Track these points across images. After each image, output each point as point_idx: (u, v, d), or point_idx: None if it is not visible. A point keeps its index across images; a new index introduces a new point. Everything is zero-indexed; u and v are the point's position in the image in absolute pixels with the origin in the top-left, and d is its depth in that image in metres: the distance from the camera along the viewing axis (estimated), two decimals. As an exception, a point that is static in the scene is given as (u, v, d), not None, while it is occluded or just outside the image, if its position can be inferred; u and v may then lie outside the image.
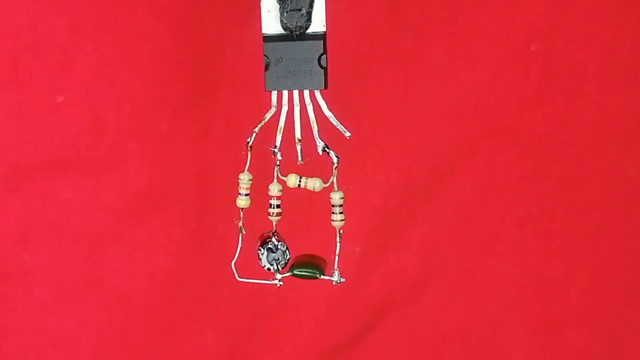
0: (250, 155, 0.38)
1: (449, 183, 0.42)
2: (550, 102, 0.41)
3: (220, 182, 0.41)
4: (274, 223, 0.39)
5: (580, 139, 0.41)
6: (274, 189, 0.38)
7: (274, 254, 0.40)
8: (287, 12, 0.35)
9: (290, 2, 0.34)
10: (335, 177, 0.37)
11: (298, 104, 0.36)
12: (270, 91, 0.36)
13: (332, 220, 0.38)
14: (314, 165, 0.37)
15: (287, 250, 0.40)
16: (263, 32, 0.35)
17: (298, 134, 0.37)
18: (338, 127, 0.37)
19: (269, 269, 0.40)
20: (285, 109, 0.37)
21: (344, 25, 0.40)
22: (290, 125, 0.37)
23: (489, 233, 0.42)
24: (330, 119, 0.37)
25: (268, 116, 0.37)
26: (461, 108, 0.41)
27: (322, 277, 0.40)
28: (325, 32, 0.35)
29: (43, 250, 0.42)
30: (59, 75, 0.40)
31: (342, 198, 0.38)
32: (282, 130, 0.37)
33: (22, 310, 0.42)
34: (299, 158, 0.37)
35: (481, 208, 0.42)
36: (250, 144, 0.37)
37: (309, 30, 0.35)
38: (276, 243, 0.40)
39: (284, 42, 0.35)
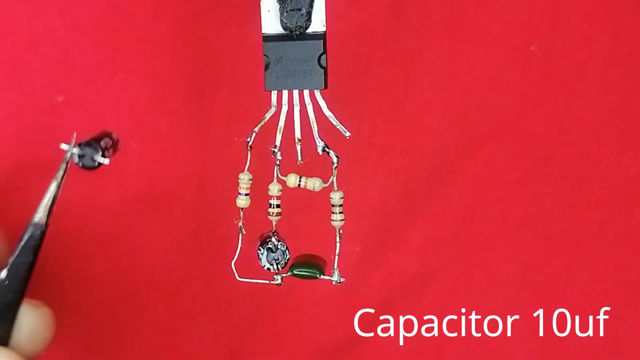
0: (250, 155, 0.37)
1: (449, 183, 0.42)
2: (550, 102, 0.41)
3: (220, 182, 0.41)
4: (273, 223, 0.39)
5: (580, 139, 0.41)
6: (274, 188, 0.38)
7: (273, 254, 0.40)
8: (287, 11, 0.35)
9: (290, 2, 0.34)
10: (335, 177, 0.37)
11: (298, 103, 0.36)
12: (270, 91, 0.36)
13: (332, 220, 0.38)
14: (314, 165, 0.37)
15: (287, 250, 0.40)
16: (263, 31, 0.35)
17: (298, 134, 0.37)
18: (338, 127, 0.37)
19: (268, 269, 0.40)
20: (285, 108, 0.36)
21: (344, 25, 0.40)
22: (290, 125, 0.37)
23: (489, 233, 0.42)
24: (330, 119, 0.37)
25: (268, 116, 0.37)
26: (461, 108, 0.41)
27: (322, 277, 0.40)
28: (325, 32, 0.35)
29: (43, 250, 0.41)
30: (59, 75, 0.40)
31: (342, 198, 0.38)
32: (282, 130, 0.37)
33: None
34: (299, 158, 0.37)
35: (481, 208, 0.42)
36: (250, 143, 0.37)
37: (309, 30, 0.35)
38: (276, 243, 0.40)
39: (284, 42, 0.35)
